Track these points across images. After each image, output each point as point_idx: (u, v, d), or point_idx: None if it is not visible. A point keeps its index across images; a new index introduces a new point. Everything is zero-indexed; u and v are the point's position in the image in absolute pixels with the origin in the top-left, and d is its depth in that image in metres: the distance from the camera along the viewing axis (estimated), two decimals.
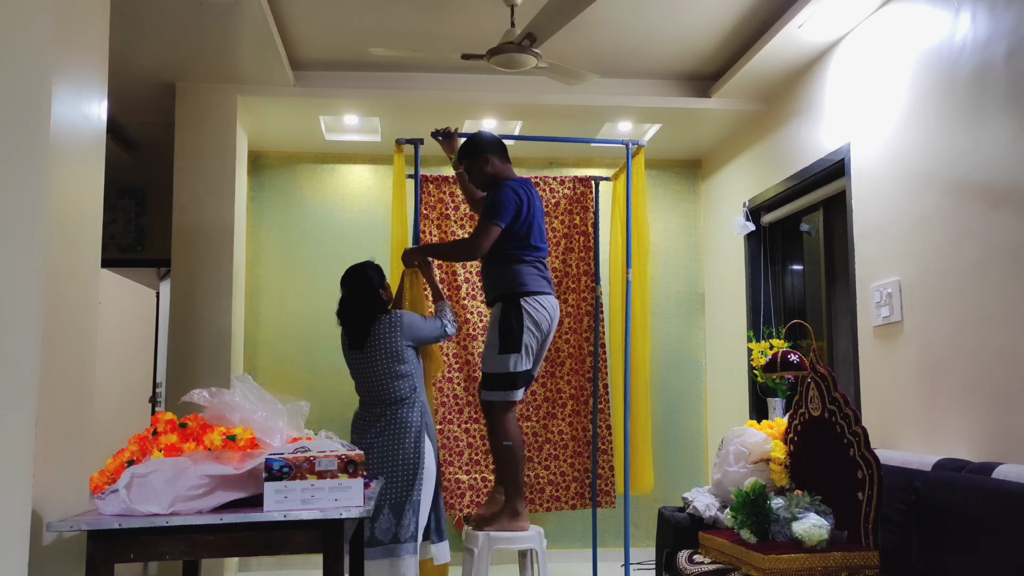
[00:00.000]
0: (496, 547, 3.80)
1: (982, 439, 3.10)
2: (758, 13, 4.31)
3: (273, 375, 5.63)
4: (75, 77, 2.31)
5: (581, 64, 4.69)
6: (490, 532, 3.81)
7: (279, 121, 5.29)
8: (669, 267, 6.06)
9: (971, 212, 3.20)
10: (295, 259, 5.75)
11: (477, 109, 5.13)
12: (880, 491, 2.85)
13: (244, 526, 2.18)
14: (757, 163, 5.22)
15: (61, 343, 2.22)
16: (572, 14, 3.58)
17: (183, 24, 4.10)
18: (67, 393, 2.29)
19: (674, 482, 5.72)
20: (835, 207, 4.49)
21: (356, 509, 2.24)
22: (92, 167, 2.47)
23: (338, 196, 5.86)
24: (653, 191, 6.06)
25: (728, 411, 5.53)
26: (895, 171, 3.72)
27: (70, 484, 2.31)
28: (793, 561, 2.80)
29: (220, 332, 4.77)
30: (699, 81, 5.18)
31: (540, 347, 3.88)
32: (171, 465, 2.18)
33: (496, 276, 3.88)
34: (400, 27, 4.45)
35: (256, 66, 4.61)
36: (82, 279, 2.39)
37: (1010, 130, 3.00)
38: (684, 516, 3.70)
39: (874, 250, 3.87)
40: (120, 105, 5.01)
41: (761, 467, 3.52)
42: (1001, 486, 2.61)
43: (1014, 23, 2.99)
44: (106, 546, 2.11)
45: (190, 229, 4.80)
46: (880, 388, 3.80)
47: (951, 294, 3.31)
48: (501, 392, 3.81)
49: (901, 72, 3.69)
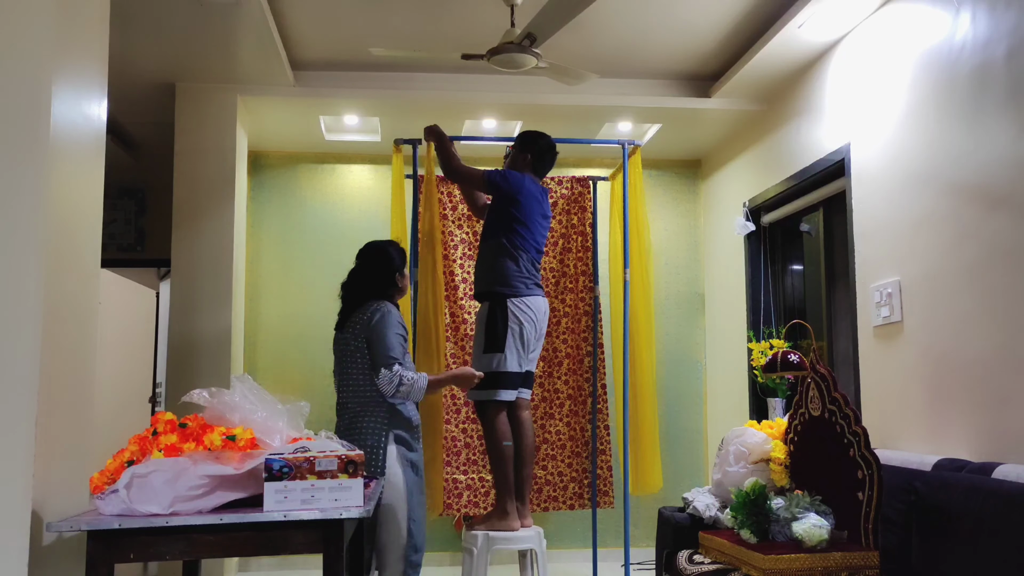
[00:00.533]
0: (495, 547, 3.80)
1: (982, 439, 3.10)
2: (758, 13, 4.31)
3: (273, 375, 5.63)
4: (75, 77, 2.31)
5: (581, 64, 4.69)
6: (488, 532, 3.81)
7: (279, 121, 5.29)
8: (669, 267, 6.06)
9: (971, 212, 3.20)
10: (295, 259, 5.75)
11: (477, 109, 5.13)
12: (880, 491, 2.85)
13: (244, 526, 2.18)
14: (757, 163, 5.22)
15: (61, 343, 2.22)
16: (572, 14, 3.58)
17: (183, 24, 4.10)
18: (67, 393, 2.29)
19: (674, 482, 5.71)
20: (835, 207, 4.49)
21: (356, 509, 2.24)
22: (92, 167, 2.47)
23: (338, 196, 5.86)
24: (653, 191, 6.06)
25: (728, 411, 5.53)
26: (895, 171, 3.71)
27: (70, 484, 2.31)
28: (793, 561, 2.80)
29: (220, 332, 4.77)
30: (699, 81, 5.18)
31: (527, 348, 3.87)
32: (171, 465, 2.18)
33: (488, 268, 3.90)
34: (400, 27, 4.45)
35: (256, 66, 4.61)
36: (82, 279, 2.39)
37: (1010, 130, 2.99)
38: (684, 516, 3.70)
39: (874, 250, 3.87)
40: (120, 105, 5.01)
41: (761, 467, 3.52)
42: (1001, 486, 2.61)
43: (1014, 23, 2.99)
44: (106, 546, 2.11)
45: (190, 229, 4.80)
46: (880, 388, 3.80)
47: (951, 294, 3.31)
48: (485, 391, 3.80)
49: (901, 72, 3.68)
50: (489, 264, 3.90)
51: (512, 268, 3.84)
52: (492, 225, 3.96)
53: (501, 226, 3.89)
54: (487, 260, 3.93)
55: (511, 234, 3.87)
